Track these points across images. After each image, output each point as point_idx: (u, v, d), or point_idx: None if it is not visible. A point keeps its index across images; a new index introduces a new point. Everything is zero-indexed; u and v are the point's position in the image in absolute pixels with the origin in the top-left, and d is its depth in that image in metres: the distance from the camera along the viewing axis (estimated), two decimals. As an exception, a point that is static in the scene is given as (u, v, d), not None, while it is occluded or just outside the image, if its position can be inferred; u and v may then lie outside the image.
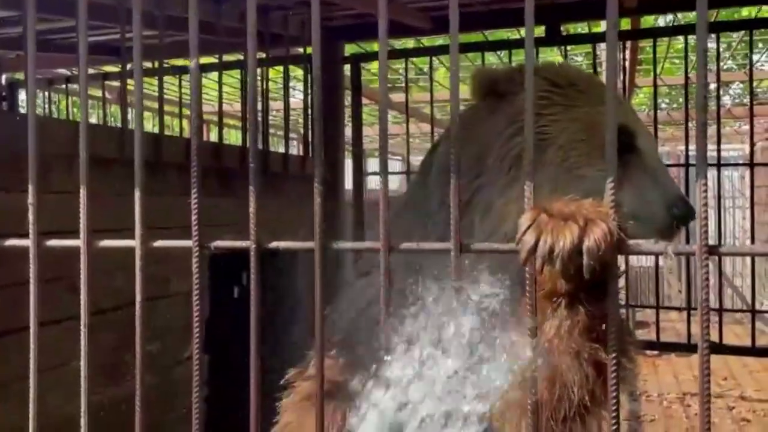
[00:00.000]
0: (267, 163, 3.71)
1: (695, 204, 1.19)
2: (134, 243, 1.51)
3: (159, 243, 1.53)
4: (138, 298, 1.51)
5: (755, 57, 7.39)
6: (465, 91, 2.20)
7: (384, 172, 1.36)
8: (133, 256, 1.47)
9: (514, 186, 1.80)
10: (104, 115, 6.22)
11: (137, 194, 1.48)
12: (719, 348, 3.85)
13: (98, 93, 5.63)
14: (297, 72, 6.08)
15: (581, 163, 1.88)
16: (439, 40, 5.18)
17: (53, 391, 2.46)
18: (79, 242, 1.53)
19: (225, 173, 3.33)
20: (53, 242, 1.58)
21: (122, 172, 2.15)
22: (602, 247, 1.11)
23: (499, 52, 4.48)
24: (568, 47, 4.54)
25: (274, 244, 1.40)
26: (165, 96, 6.37)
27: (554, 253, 1.13)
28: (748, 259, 4.75)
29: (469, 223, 1.83)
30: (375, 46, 3.92)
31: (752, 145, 3.84)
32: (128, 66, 3.22)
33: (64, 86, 5.96)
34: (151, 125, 7.85)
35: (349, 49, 4.73)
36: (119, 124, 3.50)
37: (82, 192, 1.51)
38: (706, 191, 1.17)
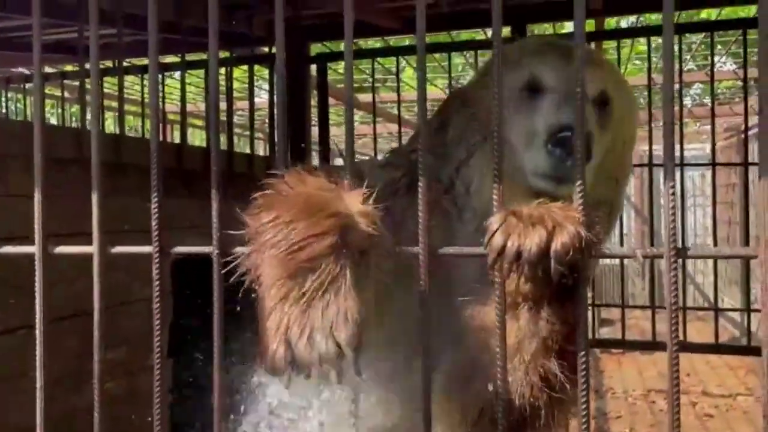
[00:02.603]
0: (231, 164, 3.65)
1: (664, 203, 1.19)
2: (92, 249, 1.46)
3: (118, 249, 1.48)
4: (96, 305, 1.47)
5: (716, 58, 7.57)
6: (432, 91, 2.19)
7: (350, 169, 1.33)
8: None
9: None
10: (63, 114, 6.09)
11: (95, 199, 1.44)
12: (684, 346, 3.91)
13: (58, 92, 5.51)
14: (263, 72, 6.03)
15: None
16: (406, 41, 5.17)
17: (10, 403, 2.39)
18: (33, 249, 1.47)
19: (188, 174, 3.26)
20: (6, 249, 1.52)
21: (81, 173, 2.10)
22: (570, 251, 1.11)
23: (465, 53, 4.49)
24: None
25: (238, 250, 1.36)
26: (128, 96, 6.28)
27: (522, 256, 1.12)
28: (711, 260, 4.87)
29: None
30: (342, 46, 3.90)
31: (713, 145, 3.90)
32: (86, 65, 3.13)
33: (22, 86, 5.81)
34: (113, 126, 7.70)
35: (316, 49, 4.69)
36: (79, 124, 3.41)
37: (37, 197, 1.45)
38: (674, 193, 1.17)
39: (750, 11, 4.49)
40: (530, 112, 1.70)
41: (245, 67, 4.47)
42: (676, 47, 4.17)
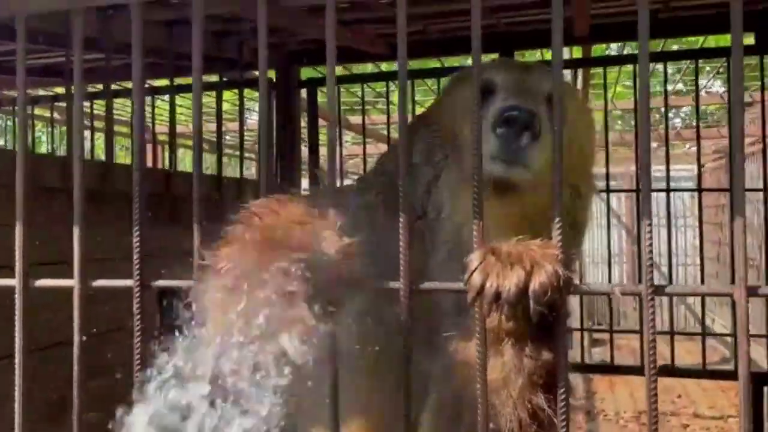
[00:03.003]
0: (220, 188, 3.65)
1: (642, 234, 1.20)
2: (73, 282, 1.46)
3: (99, 282, 1.49)
4: (76, 339, 1.47)
5: (704, 81, 7.65)
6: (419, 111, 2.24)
7: (333, 191, 1.34)
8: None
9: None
10: (52, 135, 6.10)
11: (76, 232, 1.44)
12: (671, 371, 3.91)
13: (49, 113, 5.53)
14: (255, 94, 6.06)
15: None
16: (395, 65, 5.21)
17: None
18: (14, 282, 1.47)
19: (176, 201, 3.26)
20: (-14, 282, 1.52)
21: (67, 202, 2.09)
22: (548, 291, 1.11)
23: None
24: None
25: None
26: (119, 117, 6.29)
27: (501, 297, 1.13)
28: (698, 277, 4.88)
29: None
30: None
31: (700, 171, 3.94)
32: (73, 89, 3.14)
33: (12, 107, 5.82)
34: (103, 146, 7.73)
35: (307, 73, 4.73)
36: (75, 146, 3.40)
37: (18, 229, 1.46)
38: (650, 231, 1.18)
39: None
40: (484, 111, 1.70)
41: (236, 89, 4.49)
42: (661, 69, 4.21)
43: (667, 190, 3.78)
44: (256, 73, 4.49)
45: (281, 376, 1.04)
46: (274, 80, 4.28)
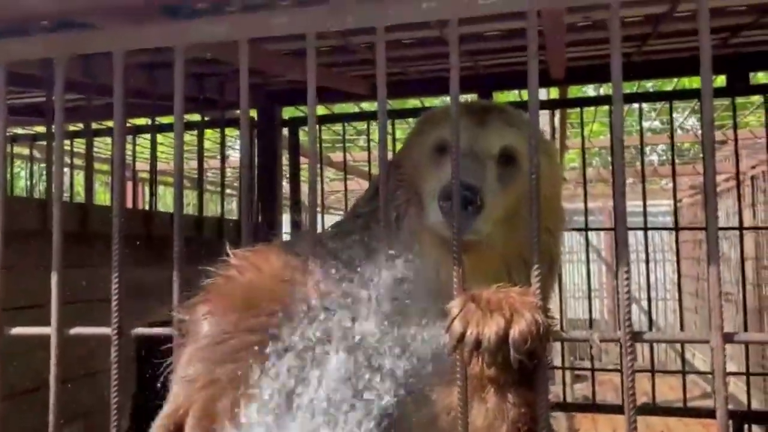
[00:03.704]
0: (201, 228, 3.64)
1: (619, 281, 1.21)
2: (49, 330, 1.45)
3: (76, 330, 1.47)
4: (52, 387, 1.44)
5: (679, 117, 7.81)
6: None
7: (312, 239, 1.35)
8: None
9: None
10: (31, 173, 6.06)
11: (54, 279, 1.43)
12: (653, 409, 3.92)
13: (28, 151, 5.50)
14: (236, 132, 6.09)
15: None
16: (375, 104, 5.27)
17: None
18: (-12, 331, 1.45)
19: (156, 240, 3.24)
20: (-40, 331, 1.49)
21: (46, 245, 2.07)
22: (528, 339, 1.12)
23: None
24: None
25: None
26: (99, 155, 6.27)
27: (481, 345, 1.13)
28: (678, 311, 4.92)
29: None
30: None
31: (676, 208, 4.00)
32: (53, 128, 3.13)
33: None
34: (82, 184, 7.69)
35: (288, 112, 4.78)
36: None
37: (-5, 275, 1.44)
38: (628, 279, 1.20)
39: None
40: (436, 170, 1.73)
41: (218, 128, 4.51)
42: (638, 107, 4.30)
43: (645, 229, 3.83)
44: (238, 112, 4.53)
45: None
46: (256, 119, 4.31)
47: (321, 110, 5.24)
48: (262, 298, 1.19)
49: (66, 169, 6.16)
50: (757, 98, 5.45)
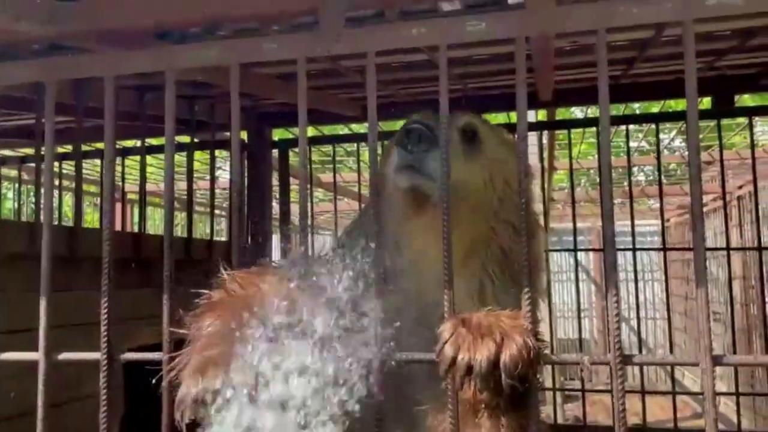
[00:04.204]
0: (189, 251, 3.62)
1: (609, 306, 1.22)
2: (37, 356, 1.44)
3: (65, 356, 1.46)
4: (40, 414, 1.43)
5: (665, 138, 7.88)
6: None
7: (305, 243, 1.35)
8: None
9: None
10: (19, 194, 6.02)
11: (42, 304, 1.42)
12: (643, 430, 3.91)
13: (16, 173, 5.47)
14: (226, 153, 6.09)
15: None
16: (364, 126, 5.30)
17: None
18: (-25, 357, 1.43)
19: (146, 263, 3.22)
20: (-53, 357, 1.48)
21: (34, 268, 2.05)
22: (519, 364, 1.12)
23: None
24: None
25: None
26: (88, 177, 6.24)
27: (473, 370, 1.14)
28: (667, 331, 4.92)
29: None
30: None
31: (664, 228, 4.03)
32: (42, 150, 3.12)
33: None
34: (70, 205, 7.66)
35: (278, 134, 4.79)
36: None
37: (-17, 302, 1.43)
38: (617, 302, 1.21)
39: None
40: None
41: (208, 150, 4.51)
42: (624, 128, 4.33)
43: (633, 249, 3.85)
44: (228, 134, 4.55)
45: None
46: (246, 141, 4.31)
47: (311, 131, 5.26)
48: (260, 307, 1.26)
49: (54, 191, 6.13)
50: (742, 119, 5.52)
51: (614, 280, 1.21)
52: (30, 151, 4.87)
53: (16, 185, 6.26)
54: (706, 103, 3.96)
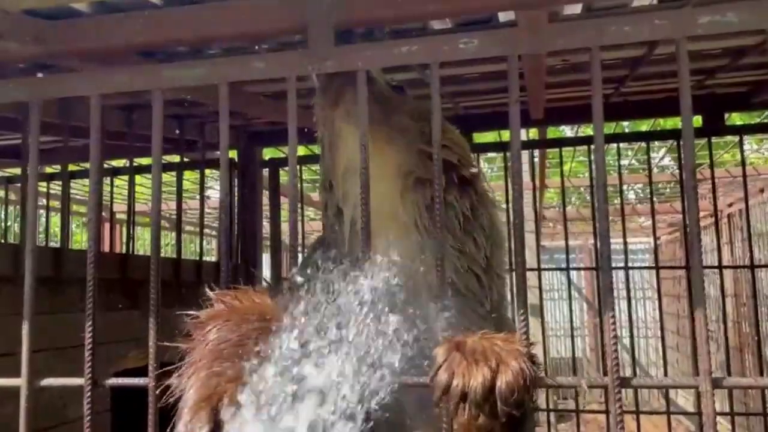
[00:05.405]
0: (179, 272, 3.58)
1: (606, 329, 1.19)
2: (20, 382, 1.39)
3: (47, 381, 1.42)
4: (22, 440, 1.38)
5: (656, 157, 7.92)
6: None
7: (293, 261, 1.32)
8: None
9: None
10: (6, 213, 5.96)
11: (25, 328, 1.38)
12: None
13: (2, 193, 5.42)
14: (216, 172, 6.06)
15: None
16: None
17: None
18: (-45, 383, 1.39)
19: (132, 284, 3.17)
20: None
21: (17, 291, 2.01)
22: (515, 390, 1.09)
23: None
24: (481, 155, 4.71)
25: (174, 381, 1.31)
26: (75, 196, 6.19)
27: (467, 397, 1.10)
28: (660, 350, 4.91)
29: None
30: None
31: (656, 249, 4.02)
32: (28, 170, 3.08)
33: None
34: (58, 224, 7.59)
35: (269, 152, 4.77)
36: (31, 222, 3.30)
37: (-37, 327, 1.39)
38: (614, 324, 1.18)
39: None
40: None
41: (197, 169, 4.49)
42: (615, 145, 4.34)
43: (626, 268, 3.84)
44: (218, 153, 4.52)
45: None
46: (236, 160, 4.30)
47: (301, 150, 5.24)
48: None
49: (42, 211, 6.07)
50: (732, 137, 5.56)
51: (610, 302, 1.19)
52: (17, 171, 4.83)
53: (3, 206, 6.21)
54: (696, 121, 3.98)
